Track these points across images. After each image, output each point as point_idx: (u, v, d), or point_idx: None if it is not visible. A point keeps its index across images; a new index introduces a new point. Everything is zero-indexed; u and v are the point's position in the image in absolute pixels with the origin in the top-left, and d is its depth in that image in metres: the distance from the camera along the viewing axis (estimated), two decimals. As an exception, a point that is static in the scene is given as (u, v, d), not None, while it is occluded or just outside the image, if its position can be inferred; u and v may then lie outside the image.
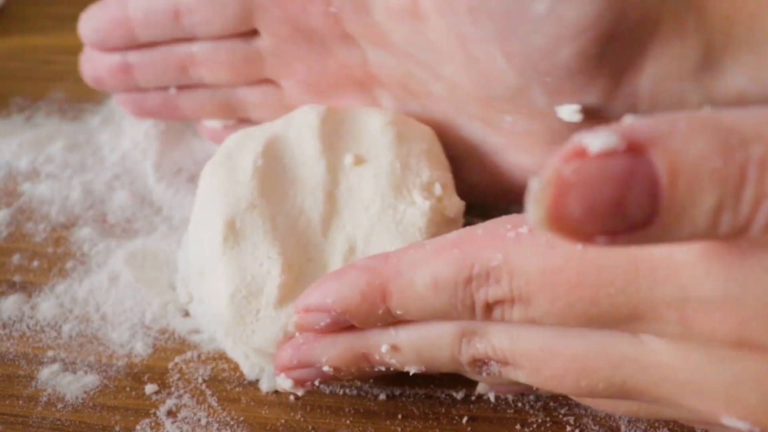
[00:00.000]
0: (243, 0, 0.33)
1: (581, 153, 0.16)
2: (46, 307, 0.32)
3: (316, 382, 0.26)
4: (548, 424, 0.27)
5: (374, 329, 0.25)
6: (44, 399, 0.29)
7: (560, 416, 0.27)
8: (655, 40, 0.26)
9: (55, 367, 0.30)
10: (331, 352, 0.25)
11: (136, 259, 0.33)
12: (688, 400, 0.21)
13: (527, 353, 0.23)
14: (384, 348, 0.24)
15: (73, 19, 0.36)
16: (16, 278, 0.33)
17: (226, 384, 0.29)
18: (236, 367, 0.29)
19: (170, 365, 0.30)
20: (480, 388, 0.28)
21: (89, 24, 0.36)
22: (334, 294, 0.24)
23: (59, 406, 0.28)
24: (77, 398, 0.29)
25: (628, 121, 0.17)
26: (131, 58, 0.36)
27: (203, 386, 0.29)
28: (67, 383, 0.29)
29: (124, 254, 0.34)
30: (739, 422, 0.20)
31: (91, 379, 0.29)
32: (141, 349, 0.30)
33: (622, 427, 0.27)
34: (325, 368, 0.25)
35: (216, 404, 0.28)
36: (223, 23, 0.34)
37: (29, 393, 0.29)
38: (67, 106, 0.42)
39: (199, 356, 0.30)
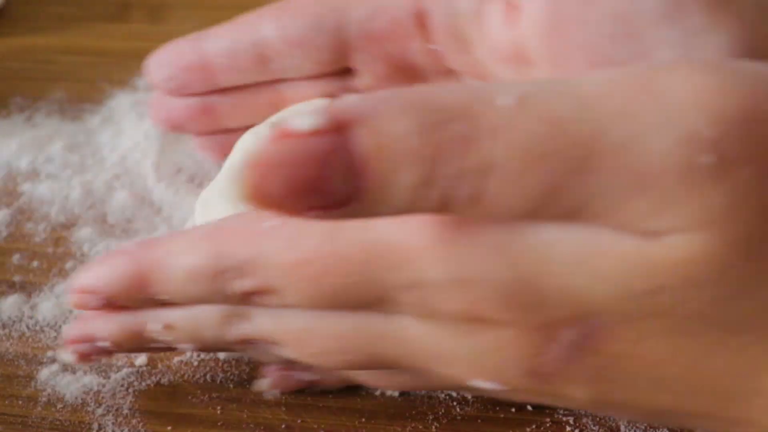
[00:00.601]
0: (336, 42, 0.31)
1: (286, 133, 0.17)
2: (45, 307, 0.32)
3: (100, 357, 0.27)
4: (548, 424, 0.27)
5: (147, 309, 0.25)
6: (44, 399, 0.29)
7: (560, 416, 0.27)
8: None
9: (55, 367, 0.30)
10: (109, 329, 0.26)
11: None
12: (440, 369, 0.22)
13: (290, 334, 0.23)
14: (157, 327, 0.25)
15: (74, 19, 0.36)
16: (16, 278, 0.33)
17: (230, 383, 0.29)
18: (238, 367, 0.29)
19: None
20: (261, 386, 0.28)
21: (161, 72, 0.33)
22: (101, 278, 0.25)
23: (59, 406, 0.28)
24: (77, 398, 0.28)
25: (341, 97, 0.18)
26: (214, 100, 0.33)
27: (207, 386, 0.29)
28: (67, 383, 0.29)
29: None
30: (485, 383, 0.21)
31: (90, 380, 0.29)
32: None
33: (622, 427, 0.27)
34: (103, 343, 0.26)
35: (220, 407, 0.28)
36: (316, 66, 0.32)
37: (29, 393, 0.29)
38: (67, 106, 0.42)
39: (199, 356, 0.30)
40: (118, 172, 0.38)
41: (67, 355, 0.27)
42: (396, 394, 0.28)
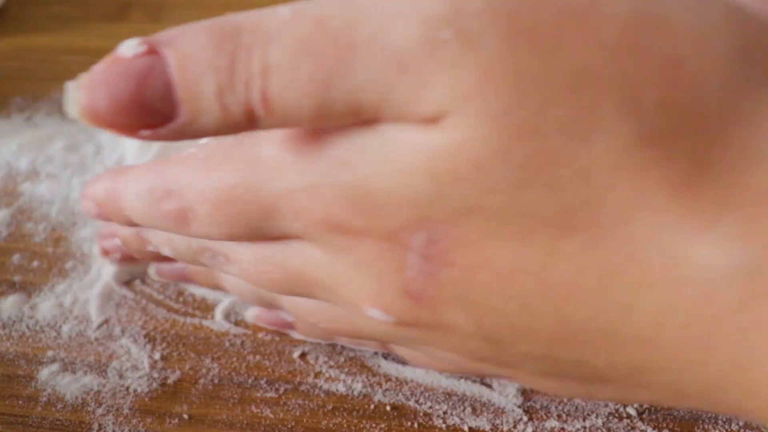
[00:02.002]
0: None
1: (115, 59, 0.19)
2: (45, 307, 0.32)
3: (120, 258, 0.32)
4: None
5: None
6: (44, 399, 0.29)
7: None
8: None
9: (55, 367, 0.30)
10: (123, 232, 0.29)
11: (136, 259, 0.33)
12: (341, 294, 0.22)
13: (230, 257, 0.25)
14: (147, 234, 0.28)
15: (74, 20, 0.36)
16: (16, 278, 0.33)
17: (230, 384, 0.29)
18: (238, 368, 0.29)
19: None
20: (248, 316, 0.30)
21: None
22: (94, 189, 0.27)
23: (59, 406, 0.28)
24: (77, 398, 0.28)
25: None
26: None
27: (207, 387, 0.29)
28: (67, 383, 0.29)
29: (124, 254, 0.33)
30: (375, 312, 0.22)
31: (90, 380, 0.29)
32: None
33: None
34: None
35: (219, 407, 0.28)
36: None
37: (29, 393, 0.29)
38: (67, 106, 0.42)
39: (199, 357, 0.30)
40: (118, 172, 0.38)
41: (96, 248, 0.31)
42: (396, 396, 0.28)
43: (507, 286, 0.19)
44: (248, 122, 0.20)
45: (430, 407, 0.28)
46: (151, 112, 0.19)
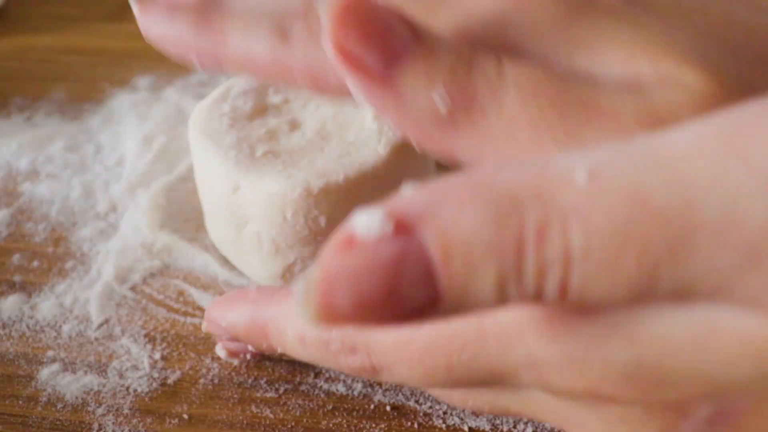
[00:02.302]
0: None
1: (350, 242, 0.15)
2: (45, 307, 0.32)
3: (248, 355, 0.29)
4: None
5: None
6: (44, 399, 0.29)
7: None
8: None
9: (55, 367, 0.30)
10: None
11: (136, 259, 0.33)
12: (570, 429, 0.22)
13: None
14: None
15: (74, 19, 0.36)
16: (16, 278, 0.33)
17: (230, 384, 0.29)
18: (238, 368, 0.29)
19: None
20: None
21: None
22: (227, 319, 0.27)
23: (59, 406, 0.28)
24: (77, 398, 0.28)
25: (404, 192, 0.16)
26: None
27: (207, 387, 0.29)
28: (67, 383, 0.29)
29: (124, 254, 0.34)
30: None
31: (90, 380, 0.29)
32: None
33: None
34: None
35: (219, 407, 0.28)
36: None
37: (29, 393, 0.29)
38: (67, 106, 0.42)
39: (198, 357, 0.30)
40: (118, 172, 0.38)
41: (219, 350, 0.29)
42: (398, 399, 0.28)
43: None
44: (528, 304, 0.17)
45: (430, 407, 0.28)
46: (403, 306, 0.16)
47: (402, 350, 0.21)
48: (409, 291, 0.15)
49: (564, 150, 0.19)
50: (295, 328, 0.23)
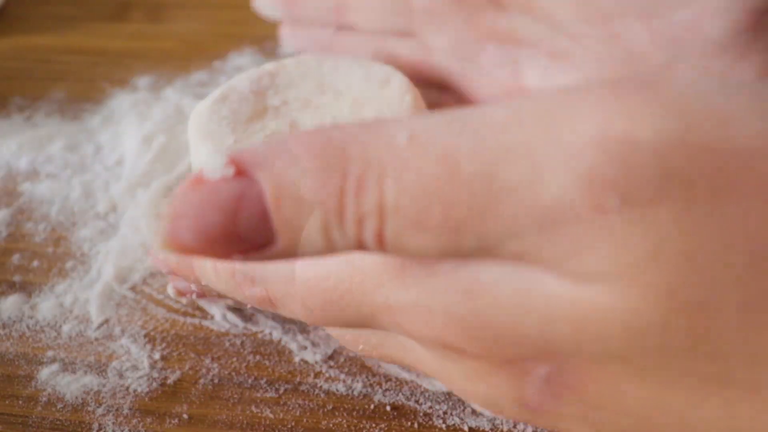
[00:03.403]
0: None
1: (198, 181, 0.17)
2: (45, 307, 0.32)
3: (194, 295, 0.30)
4: None
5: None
6: (44, 399, 0.29)
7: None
8: None
9: (55, 367, 0.30)
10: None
11: (136, 259, 0.33)
12: (442, 380, 0.22)
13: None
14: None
15: (74, 19, 0.36)
16: (16, 278, 0.33)
17: (230, 384, 0.29)
18: (238, 368, 0.29)
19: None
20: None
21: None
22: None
23: (59, 406, 0.28)
24: (77, 398, 0.28)
25: (249, 146, 0.18)
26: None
27: (207, 387, 0.29)
28: (67, 383, 0.29)
29: (123, 254, 0.33)
30: (482, 410, 0.24)
31: (90, 379, 0.29)
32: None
33: None
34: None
35: (219, 407, 0.28)
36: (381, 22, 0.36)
37: (29, 393, 0.29)
38: (67, 106, 0.42)
39: (198, 357, 0.30)
40: (118, 172, 0.38)
41: (170, 289, 0.31)
42: (400, 398, 0.28)
43: (640, 419, 0.19)
44: (333, 251, 0.18)
45: (430, 407, 0.28)
46: (242, 242, 0.17)
47: (288, 284, 0.22)
48: (246, 228, 0.17)
49: None
50: (212, 264, 0.25)
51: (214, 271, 0.25)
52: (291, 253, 0.18)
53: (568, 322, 0.18)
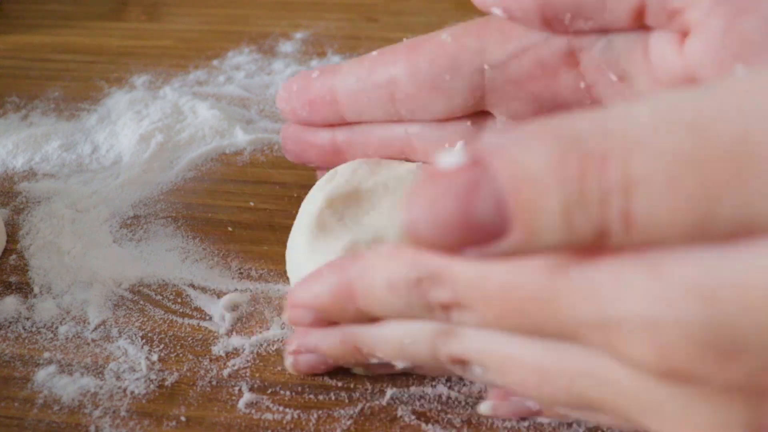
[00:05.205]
0: (472, 85, 0.30)
1: (434, 173, 0.17)
2: (42, 308, 0.32)
3: (321, 369, 0.28)
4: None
5: (359, 324, 0.25)
6: (40, 401, 0.28)
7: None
8: None
9: (52, 368, 0.29)
10: (328, 342, 0.27)
11: (134, 259, 0.33)
12: (646, 422, 0.20)
13: (494, 358, 0.23)
14: (369, 343, 0.26)
15: (70, 17, 0.36)
16: (13, 279, 0.33)
17: (228, 387, 0.29)
18: (235, 371, 0.29)
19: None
20: (482, 409, 0.27)
21: (291, 102, 0.33)
22: (313, 292, 0.26)
23: (55, 408, 0.28)
24: (74, 400, 0.28)
25: (482, 137, 0.18)
26: (340, 136, 0.33)
27: (205, 389, 0.29)
28: (64, 385, 0.29)
29: (121, 254, 0.33)
30: None
31: (87, 381, 0.29)
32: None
33: None
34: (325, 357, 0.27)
35: (216, 409, 0.28)
36: (447, 109, 0.31)
37: (25, 395, 0.29)
38: (64, 105, 0.42)
39: (198, 359, 0.30)
40: (115, 171, 0.38)
41: (290, 365, 0.29)
42: (401, 397, 0.28)
43: None
44: (598, 241, 0.17)
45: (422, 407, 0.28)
46: (479, 230, 0.17)
47: (480, 287, 0.21)
48: (482, 216, 0.17)
49: None
50: (382, 276, 0.23)
51: (389, 287, 0.23)
52: (528, 244, 0.17)
53: None
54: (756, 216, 0.16)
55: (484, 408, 0.27)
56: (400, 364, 0.26)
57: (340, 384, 0.29)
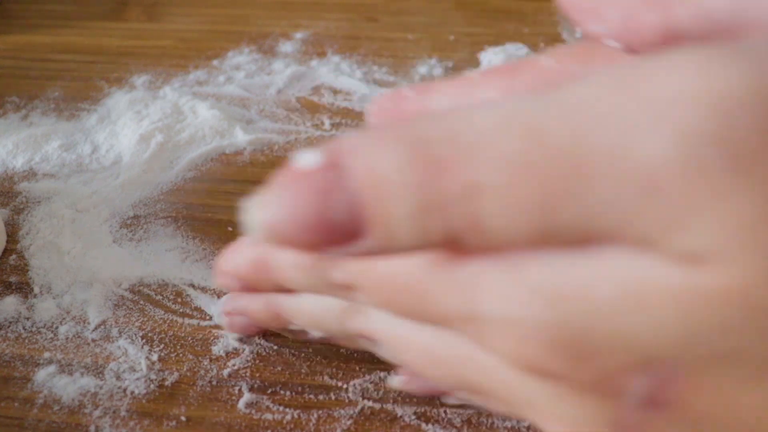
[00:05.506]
0: None
1: (292, 173, 0.18)
2: (42, 308, 0.32)
3: (252, 331, 0.30)
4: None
5: (282, 293, 0.27)
6: (40, 401, 0.28)
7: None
8: None
9: (52, 368, 0.29)
10: (253, 306, 0.28)
11: (134, 259, 0.33)
12: (523, 410, 0.21)
13: (390, 336, 0.24)
14: (287, 312, 0.27)
15: (70, 17, 0.36)
16: (13, 279, 0.33)
17: (227, 386, 0.29)
18: (235, 371, 0.29)
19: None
20: (392, 382, 0.28)
21: (380, 120, 0.31)
22: (234, 262, 0.27)
23: (55, 408, 0.28)
24: (74, 400, 0.28)
25: (340, 137, 0.18)
26: None
27: (205, 388, 0.29)
28: (64, 385, 0.29)
29: (121, 254, 0.33)
30: None
31: (87, 381, 0.29)
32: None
33: None
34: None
35: (216, 409, 0.28)
36: None
37: (25, 395, 0.29)
38: (64, 105, 0.42)
39: (197, 359, 0.30)
40: (115, 171, 0.38)
41: (224, 324, 0.30)
42: (398, 397, 0.28)
43: (753, 431, 0.17)
44: (449, 243, 0.18)
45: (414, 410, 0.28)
46: (335, 231, 0.17)
47: (367, 270, 0.21)
48: (337, 218, 0.17)
49: None
50: (287, 255, 0.24)
51: (295, 265, 0.25)
52: (387, 245, 0.18)
53: (676, 315, 0.16)
54: (599, 222, 0.16)
55: (394, 381, 0.28)
56: (316, 334, 0.27)
57: (340, 384, 0.29)
